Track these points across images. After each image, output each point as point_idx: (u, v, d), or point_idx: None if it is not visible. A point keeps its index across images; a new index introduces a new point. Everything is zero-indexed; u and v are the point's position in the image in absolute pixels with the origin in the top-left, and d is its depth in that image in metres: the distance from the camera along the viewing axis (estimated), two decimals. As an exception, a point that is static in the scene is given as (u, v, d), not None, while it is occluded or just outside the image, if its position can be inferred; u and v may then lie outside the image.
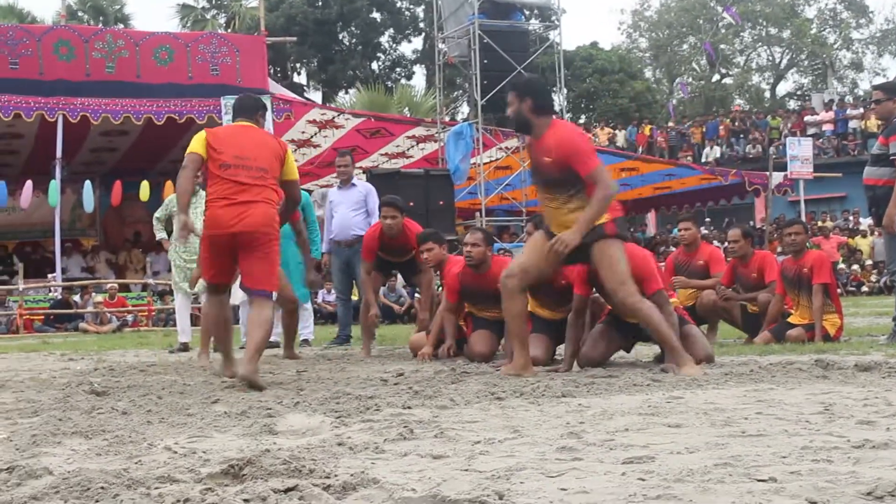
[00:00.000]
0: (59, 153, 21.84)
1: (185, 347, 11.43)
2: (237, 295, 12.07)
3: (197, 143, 7.05)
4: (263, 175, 6.97)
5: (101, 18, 45.99)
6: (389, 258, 9.97)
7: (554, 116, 7.06)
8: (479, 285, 8.43)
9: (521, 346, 6.97)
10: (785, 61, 58.31)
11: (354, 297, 12.85)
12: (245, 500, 2.90)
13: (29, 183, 22.21)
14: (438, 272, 9.72)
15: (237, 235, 6.85)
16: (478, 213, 23.82)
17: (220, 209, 6.87)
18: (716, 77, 58.15)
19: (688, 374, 6.40)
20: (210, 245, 7.03)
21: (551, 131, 6.87)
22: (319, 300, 20.88)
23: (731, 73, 58.75)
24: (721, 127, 40.08)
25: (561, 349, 8.06)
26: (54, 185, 21.68)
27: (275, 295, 7.45)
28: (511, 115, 7.10)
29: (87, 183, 22.70)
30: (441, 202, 19.99)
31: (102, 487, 3.04)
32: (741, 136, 39.69)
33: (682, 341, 7.12)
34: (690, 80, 57.93)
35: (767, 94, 58.40)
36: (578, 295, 7.54)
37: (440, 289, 10.27)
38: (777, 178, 27.29)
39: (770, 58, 58.81)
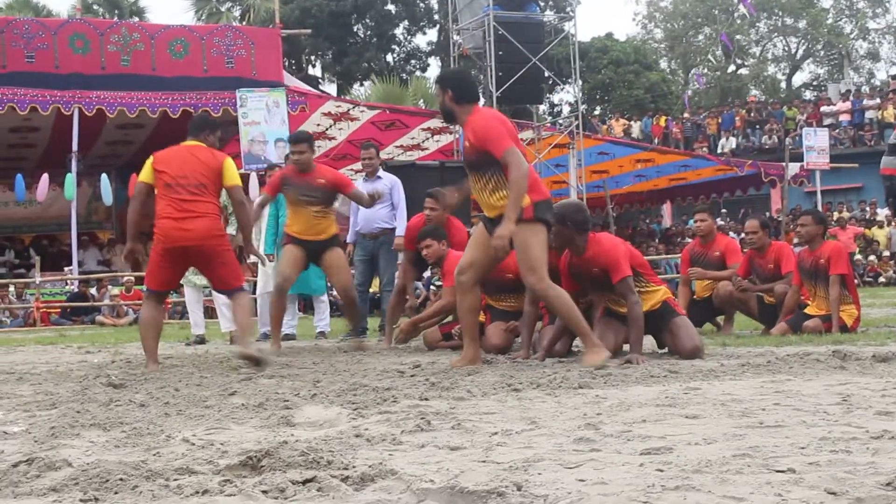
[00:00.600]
0: (74, 146, 21.91)
1: (201, 340, 11.48)
2: (262, 286, 12.18)
3: (144, 171, 7.98)
4: (203, 190, 7.79)
5: (115, 12, 46.00)
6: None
7: (476, 104, 7.28)
8: (495, 274, 8.43)
9: (471, 339, 7.20)
10: (801, 51, 58.13)
11: (372, 289, 12.89)
12: (264, 492, 2.91)
13: (45, 176, 22.28)
14: (438, 268, 9.81)
15: (187, 248, 7.73)
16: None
17: (167, 225, 7.74)
18: (731, 68, 57.97)
19: (590, 363, 6.57)
20: (163, 257, 7.82)
21: (471, 118, 7.11)
22: (334, 292, 20.85)
23: (746, 63, 58.56)
24: (737, 118, 39.94)
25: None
26: (70, 179, 21.74)
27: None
28: (439, 106, 7.44)
29: (104, 176, 22.77)
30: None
31: (121, 479, 3.05)
32: (757, 126, 39.55)
33: (669, 333, 7.31)
34: (706, 70, 57.74)
35: (783, 85, 58.21)
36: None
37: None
38: (793, 168, 27.22)
39: (786, 48, 58.66)
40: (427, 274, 22.94)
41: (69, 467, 3.27)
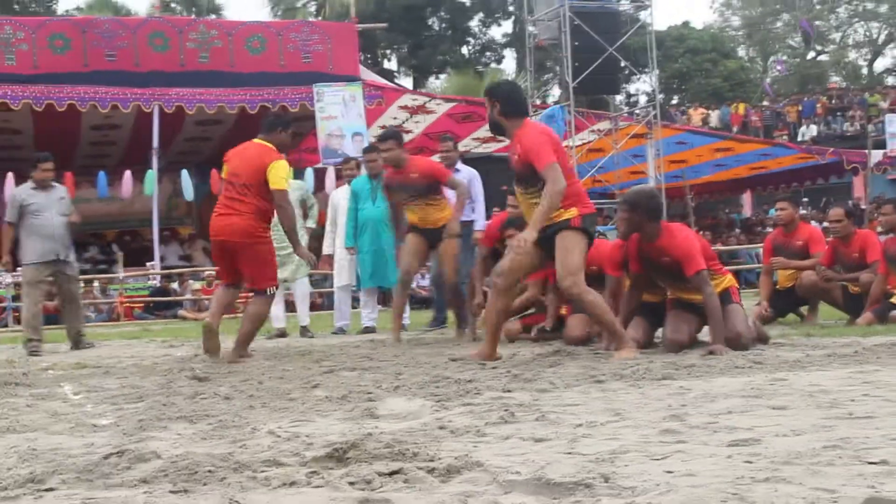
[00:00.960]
0: (155, 143, 22.18)
1: (282, 333, 11.58)
2: (337, 279, 12.28)
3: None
4: (246, 190, 8.22)
5: (193, 9, 46.56)
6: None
7: (525, 118, 7.47)
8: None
9: (492, 338, 7.26)
10: (882, 36, 57.12)
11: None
12: (351, 483, 2.92)
13: (128, 173, 22.60)
14: None
15: (223, 243, 8.34)
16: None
17: (212, 219, 8.45)
18: (811, 54, 57.18)
19: (622, 357, 6.68)
20: (213, 249, 8.73)
21: (520, 132, 7.27)
22: (414, 285, 20.91)
23: (826, 49, 57.73)
24: (818, 105, 39.38)
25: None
26: (151, 175, 22.02)
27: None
28: (489, 119, 7.52)
29: (185, 172, 23.03)
30: (533, 185, 19.89)
31: (210, 470, 3.08)
32: (838, 113, 38.96)
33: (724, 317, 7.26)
34: (785, 57, 57.00)
35: (864, 71, 57.29)
36: (610, 276, 8.00)
37: None
38: (876, 156, 26.80)
39: (867, 33, 57.69)
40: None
41: (158, 459, 3.31)
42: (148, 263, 23.51)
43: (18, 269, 11.93)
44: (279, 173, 8.18)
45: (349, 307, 12.83)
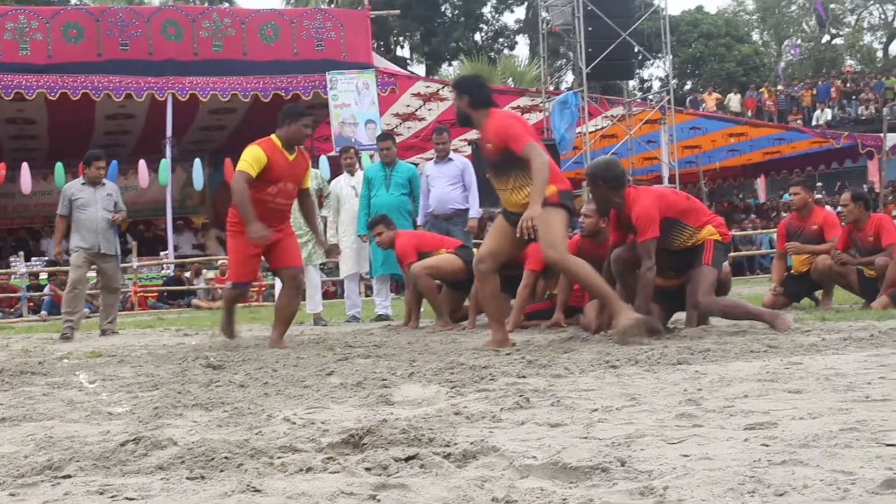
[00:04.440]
0: (168, 132, 22.23)
1: (319, 321, 11.71)
2: (343, 269, 12.30)
3: None
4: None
5: (206, -2, 46.56)
6: None
7: (491, 108, 7.45)
8: (597, 254, 8.42)
9: (498, 323, 7.30)
10: (898, 19, 56.90)
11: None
12: (367, 469, 2.92)
13: (143, 163, 22.64)
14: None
15: None
16: (584, 183, 23.65)
17: None
18: (825, 38, 56.94)
19: (623, 325, 6.76)
20: None
21: (489, 121, 7.34)
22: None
23: (841, 33, 57.48)
24: (832, 89, 39.22)
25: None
26: (164, 164, 22.07)
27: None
28: (456, 111, 7.60)
29: (197, 161, 23.06)
30: (547, 172, 19.84)
31: (226, 457, 3.08)
32: (853, 97, 38.81)
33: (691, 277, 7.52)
34: (799, 41, 56.78)
35: (880, 54, 57.05)
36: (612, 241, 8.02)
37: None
38: (891, 139, 26.70)
39: (882, 16, 57.43)
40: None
41: (175, 446, 3.32)
42: (161, 253, 23.58)
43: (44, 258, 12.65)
44: (242, 155, 8.31)
45: (359, 295, 12.87)
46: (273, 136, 8.44)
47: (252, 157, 8.22)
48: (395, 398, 4.50)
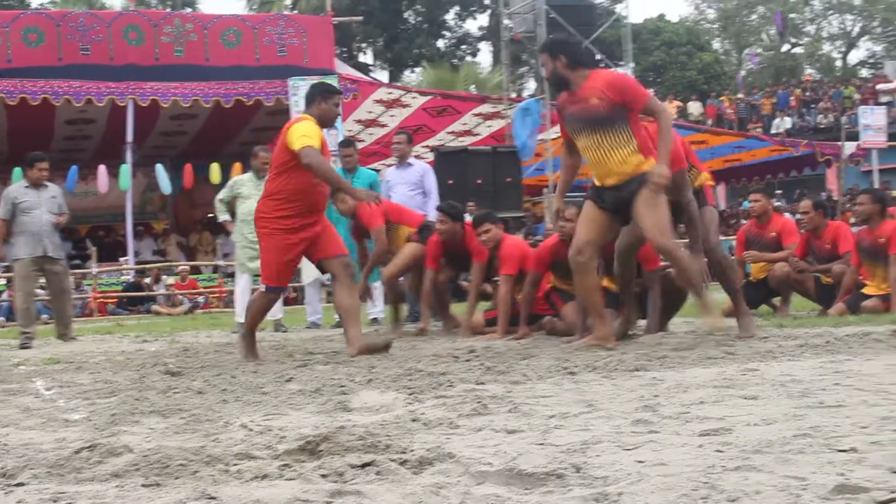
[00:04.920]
0: (129, 137, 22.08)
1: (279, 327, 11.64)
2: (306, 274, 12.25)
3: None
4: (271, 169, 7.66)
5: (169, 3, 46.38)
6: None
7: (591, 68, 7.17)
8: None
9: (601, 318, 7.08)
10: (857, 29, 57.40)
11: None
12: (323, 476, 2.92)
13: (102, 168, 22.47)
14: (496, 252, 9.56)
15: None
16: (545, 190, 23.72)
17: None
18: (785, 47, 57.39)
19: (710, 325, 6.86)
20: None
21: (594, 76, 7.04)
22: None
23: (801, 42, 57.95)
24: (792, 97, 39.52)
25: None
26: (125, 169, 21.91)
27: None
28: (547, 75, 7.29)
29: (159, 166, 22.93)
30: (508, 179, 19.95)
31: (182, 464, 3.07)
32: (812, 106, 39.12)
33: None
34: (760, 50, 57.19)
35: (839, 63, 57.56)
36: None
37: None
38: (850, 147, 26.93)
39: (841, 25, 57.94)
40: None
41: (130, 453, 3.30)
42: (121, 258, 23.42)
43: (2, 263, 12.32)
44: (296, 132, 7.32)
45: (320, 301, 12.85)
46: (306, 116, 7.60)
47: (311, 132, 7.28)
48: (353, 405, 4.49)
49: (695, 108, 39.73)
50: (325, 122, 7.59)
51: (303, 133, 7.25)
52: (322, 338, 9.81)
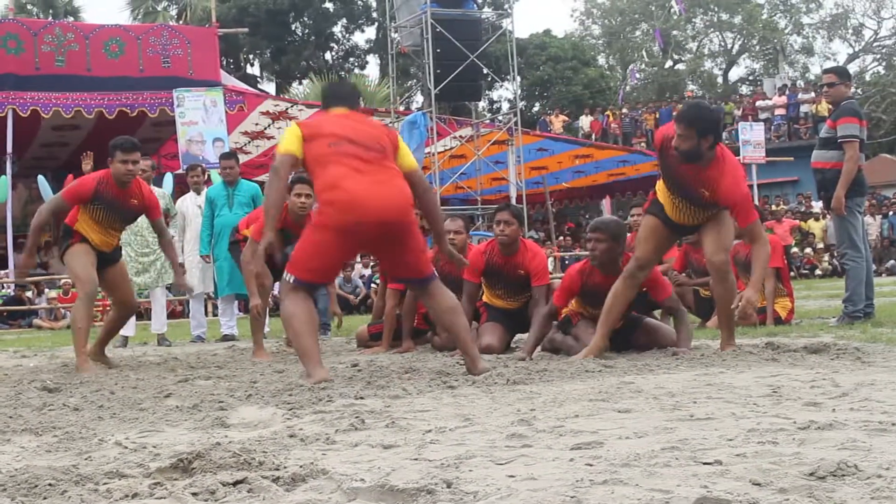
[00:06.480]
0: (9, 148, 21.64)
1: (125, 342, 11.45)
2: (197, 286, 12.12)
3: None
4: (384, 158, 6.16)
5: (50, 11, 45.54)
6: None
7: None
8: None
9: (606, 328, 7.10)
10: (737, 47, 58.65)
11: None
12: (194, 494, 2.90)
13: (-19, 179, 22.02)
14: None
15: (393, 225, 6.04)
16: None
17: (361, 189, 5.94)
18: (668, 63, 58.40)
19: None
20: (340, 235, 6.03)
21: (717, 164, 6.74)
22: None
23: (683, 59, 59.04)
24: (674, 113, 40.11)
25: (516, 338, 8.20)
26: (4, 181, 21.48)
27: None
28: (685, 149, 6.69)
29: (41, 178, 22.51)
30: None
31: (50, 484, 3.03)
32: (694, 121, 39.75)
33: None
34: (643, 66, 58.12)
35: (720, 80, 58.75)
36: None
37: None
38: (730, 162, 27.43)
39: (722, 43, 59.17)
40: (367, 272, 22.94)
41: (-2, 473, 3.25)
42: (1, 271, 22.93)
43: None
44: (410, 154, 6.53)
45: (204, 315, 12.77)
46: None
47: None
48: (231, 420, 4.47)
49: (586, 122, 40.20)
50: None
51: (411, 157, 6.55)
52: (206, 352, 9.72)
